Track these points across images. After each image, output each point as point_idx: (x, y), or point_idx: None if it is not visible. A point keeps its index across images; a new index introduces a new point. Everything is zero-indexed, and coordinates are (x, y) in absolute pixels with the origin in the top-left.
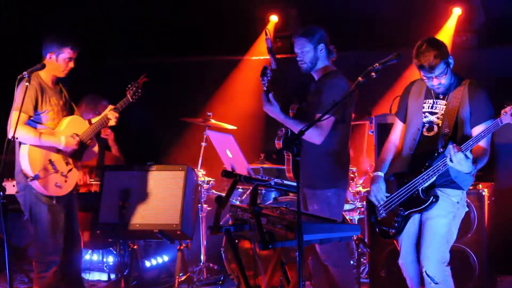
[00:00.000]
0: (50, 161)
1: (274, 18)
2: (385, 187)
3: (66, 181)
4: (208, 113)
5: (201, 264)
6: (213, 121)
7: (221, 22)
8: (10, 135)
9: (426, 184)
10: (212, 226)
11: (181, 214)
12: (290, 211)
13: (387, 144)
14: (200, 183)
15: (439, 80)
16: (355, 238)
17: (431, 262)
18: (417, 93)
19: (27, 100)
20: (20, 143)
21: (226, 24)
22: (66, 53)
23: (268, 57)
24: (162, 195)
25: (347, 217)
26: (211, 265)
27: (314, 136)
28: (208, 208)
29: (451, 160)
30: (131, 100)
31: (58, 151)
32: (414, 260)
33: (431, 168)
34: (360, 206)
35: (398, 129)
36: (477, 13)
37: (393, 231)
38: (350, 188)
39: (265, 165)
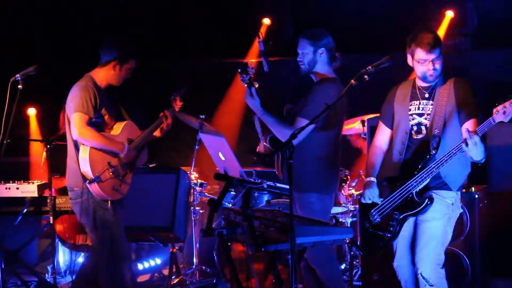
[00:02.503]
0: (109, 164)
1: (267, 21)
2: (378, 191)
3: (121, 185)
4: (201, 116)
5: (194, 267)
6: (205, 123)
7: (215, 25)
8: (75, 137)
9: (420, 187)
10: (205, 229)
11: (173, 217)
12: (283, 214)
13: (373, 149)
14: (193, 186)
15: (434, 65)
16: (347, 241)
17: (427, 264)
18: (402, 96)
19: (87, 102)
20: (76, 146)
21: (220, 27)
22: (132, 64)
23: (261, 60)
24: (155, 198)
25: (340, 220)
26: (203, 268)
27: (284, 134)
28: (201, 211)
29: (466, 144)
30: (177, 110)
31: (115, 155)
32: (409, 262)
33: (424, 170)
34: (353, 208)
35: (383, 133)
36: (470, 16)
37: (388, 235)
38: (342, 191)
39: (257, 168)
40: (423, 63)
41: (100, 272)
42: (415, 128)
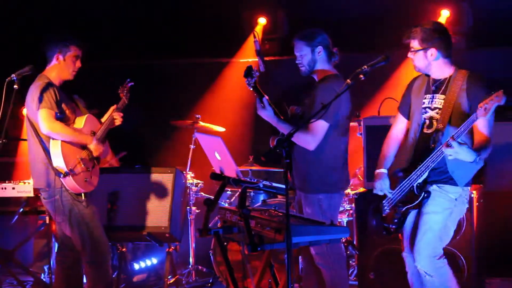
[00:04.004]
0: (80, 157)
1: (262, 21)
2: (389, 183)
3: (91, 176)
4: (197, 116)
5: (190, 266)
6: (201, 123)
7: (209, 24)
8: (45, 132)
9: (419, 180)
10: (201, 229)
11: (169, 216)
12: (279, 214)
13: (388, 140)
14: (189, 185)
15: (412, 55)
16: (343, 240)
17: (421, 256)
18: (418, 88)
19: (49, 98)
20: (43, 144)
21: (215, 27)
22: (73, 50)
23: (256, 59)
24: (151, 198)
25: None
26: (200, 267)
27: (306, 142)
28: (197, 211)
29: (450, 154)
30: (127, 102)
31: (84, 147)
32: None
33: (423, 164)
34: (349, 208)
35: (400, 123)
36: (465, 16)
37: (393, 227)
38: None
39: (253, 168)
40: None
41: (85, 269)
42: (427, 122)
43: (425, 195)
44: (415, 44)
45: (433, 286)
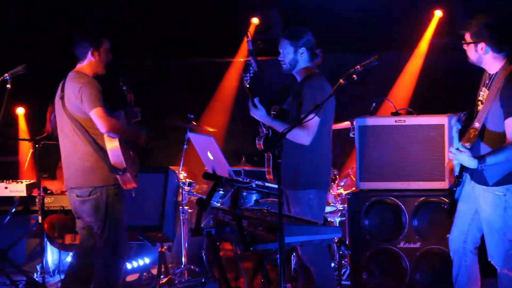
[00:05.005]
0: (130, 154)
1: (255, 20)
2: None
3: (138, 172)
4: (190, 115)
5: (183, 266)
6: (194, 123)
7: (202, 25)
8: (104, 131)
9: (457, 172)
10: (193, 229)
11: (162, 216)
12: (271, 214)
13: None
14: (181, 185)
15: (465, 47)
16: (336, 240)
17: (493, 255)
18: (480, 81)
19: (100, 94)
20: (94, 141)
21: (208, 27)
22: (105, 44)
23: (249, 59)
24: (144, 198)
25: (329, 219)
26: (192, 267)
27: (302, 137)
28: (189, 210)
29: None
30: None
31: (128, 143)
32: (459, 236)
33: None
34: (341, 208)
35: None
36: (459, 15)
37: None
38: (331, 190)
39: (246, 167)
40: None
41: (96, 270)
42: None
43: (453, 188)
44: (467, 36)
45: (507, 278)
